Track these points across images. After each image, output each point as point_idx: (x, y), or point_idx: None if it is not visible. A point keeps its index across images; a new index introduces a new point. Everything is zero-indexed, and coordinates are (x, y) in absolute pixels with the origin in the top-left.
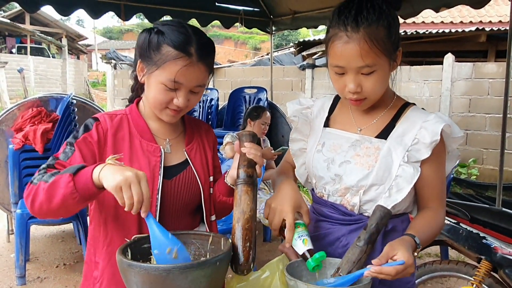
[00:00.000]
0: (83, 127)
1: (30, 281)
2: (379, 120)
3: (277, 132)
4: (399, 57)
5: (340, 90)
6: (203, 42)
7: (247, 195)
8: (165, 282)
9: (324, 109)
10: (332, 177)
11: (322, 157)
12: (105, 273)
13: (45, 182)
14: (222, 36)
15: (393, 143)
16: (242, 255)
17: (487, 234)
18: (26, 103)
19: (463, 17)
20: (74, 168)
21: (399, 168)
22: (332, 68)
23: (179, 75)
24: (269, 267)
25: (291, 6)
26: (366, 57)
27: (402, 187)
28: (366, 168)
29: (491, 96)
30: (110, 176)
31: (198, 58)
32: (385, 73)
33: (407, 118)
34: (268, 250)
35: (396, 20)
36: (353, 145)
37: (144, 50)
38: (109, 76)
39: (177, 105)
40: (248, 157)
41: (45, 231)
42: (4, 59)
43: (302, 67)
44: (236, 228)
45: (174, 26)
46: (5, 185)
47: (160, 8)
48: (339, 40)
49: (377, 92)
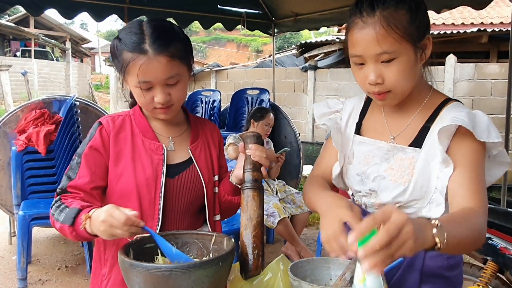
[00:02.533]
0: (89, 135)
1: (32, 283)
2: (412, 123)
3: (279, 134)
4: (429, 47)
5: (362, 84)
6: (157, 35)
7: (253, 201)
8: (167, 282)
9: (354, 112)
10: (367, 192)
11: (354, 170)
12: (113, 271)
13: (57, 221)
14: (225, 38)
15: (429, 151)
16: (251, 263)
17: (493, 235)
18: (29, 105)
19: (465, 18)
20: (70, 217)
21: (437, 180)
22: (351, 59)
23: (142, 75)
24: (270, 268)
25: (293, 8)
26: (383, 43)
27: (442, 201)
28: (402, 184)
29: (494, 96)
30: (98, 232)
31: (154, 52)
32: (410, 62)
33: (441, 118)
34: (271, 251)
35: (422, 4)
36: (386, 157)
37: (113, 60)
38: (112, 79)
39: (159, 102)
40: (253, 160)
41: (47, 233)
42: (9, 62)
43: (304, 68)
44: (244, 235)
45: (130, 28)
46: (7, 187)
47: (163, 10)
48: (355, 26)
49: (401, 84)
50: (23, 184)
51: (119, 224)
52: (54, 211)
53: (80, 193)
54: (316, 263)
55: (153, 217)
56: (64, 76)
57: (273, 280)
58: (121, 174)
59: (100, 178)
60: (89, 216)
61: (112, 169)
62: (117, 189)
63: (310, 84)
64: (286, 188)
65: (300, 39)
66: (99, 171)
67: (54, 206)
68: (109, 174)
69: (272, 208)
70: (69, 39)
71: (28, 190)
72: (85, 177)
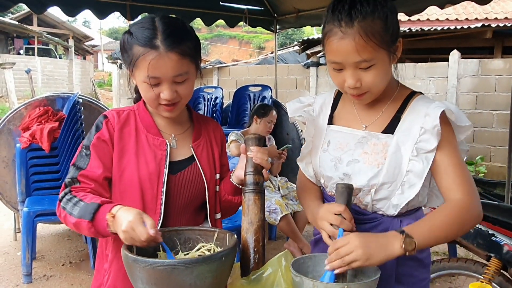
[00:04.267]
0: (95, 127)
1: (37, 279)
2: (384, 114)
3: (281, 130)
4: (400, 49)
5: (340, 85)
6: (169, 31)
7: (254, 204)
8: (170, 277)
9: (326, 105)
10: (341, 177)
11: (328, 156)
12: (112, 265)
13: (70, 214)
14: (227, 35)
15: (401, 137)
16: (252, 267)
17: (496, 232)
18: (33, 102)
19: (469, 13)
20: (90, 212)
21: (409, 163)
22: (330, 64)
23: (151, 70)
24: (271, 264)
25: (295, 5)
26: (363, 52)
27: (414, 183)
28: (376, 166)
29: (498, 92)
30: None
31: (166, 48)
32: (385, 66)
33: (413, 109)
34: (273, 248)
35: (394, 11)
36: (360, 142)
37: (122, 54)
38: (114, 76)
39: (165, 99)
40: (254, 163)
41: (51, 230)
42: (12, 60)
43: (306, 65)
44: (246, 238)
45: (142, 23)
46: (12, 184)
47: (165, 8)
48: (334, 36)
49: (378, 85)
50: (27, 181)
51: (139, 240)
52: (65, 204)
53: (91, 184)
54: (317, 259)
55: (155, 212)
56: (67, 74)
57: (273, 275)
58: (124, 168)
59: (108, 169)
60: (113, 215)
61: (116, 162)
62: (120, 183)
63: (312, 81)
64: (288, 185)
65: (302, 35)
66: (108, 162)
67: (64, 198)
68: (113, 167)
69: (274, 204)
70: (72, 36)
71: (33, 187)
72: (97, 167)
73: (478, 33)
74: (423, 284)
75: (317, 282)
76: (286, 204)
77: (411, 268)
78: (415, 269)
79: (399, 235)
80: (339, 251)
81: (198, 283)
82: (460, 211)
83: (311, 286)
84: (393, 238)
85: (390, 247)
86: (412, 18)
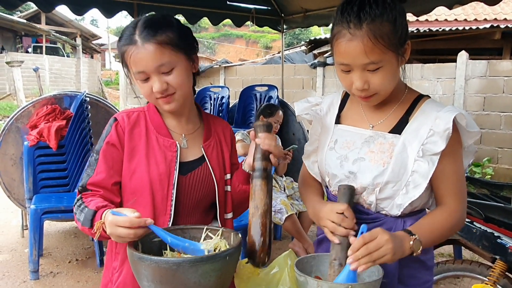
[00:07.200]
0: (105, 131)
1: (43, 275)
2: (391, 115)
3: (288, 130)
4: (408, 51)
5: (347, 87)
6: (146, 25)
7: (261, 190)
8: (175, 275)
9: (333, 105)
10: (346, 175)
11: (335, 154)
12: (125, 265)
13: (78, 221)
14: (234, 35)
15: (408, 137)
16: (258, 250)
17: (502, 234)
18: (41, 100)
19: (477, 14)
20: (88, 220)
21: (415, 163)
22: (338, 65)
23: (134, 64)
24: (277, 262)
25: (302, 4)
26: (371, 54)
27: (419, 183)
28: (381, 165)
29: (506, 94)
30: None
31: (142, 41)
32: (393, 68)
33: (422, 112)
34: (278, 248)
35: (402, 14)
36: (367, 142)
37: (119, 56)
38: (121, 75)
39: (156, 91)
40: (262, 149)
41: (58, 227)
42: (20, 58)
43: (313, 65)
44: (252, 223)
45: (128, 25)
46: (20, 181)
47: (172, 7)
48: (343, 38)
49: (386, 87)
50: (35, 178)
51: (126, 233)
52: (76, 210)
53: (100, 190)
54: (321, 259)
55: (165, 213)
56: (74, 72)
57: (280, 274)
58: (134, 170)
59: (118, 173)
60: (103, 222)
61: (127, 164)
62: (131, 184)
63: (319, 81)
64: (294, 185)
65: (309, 35)
66: (117, 166)
67: (76, 205)
68: (123, 169)
69: (279, 204)
70: (79, 35)
71: (40, 185)
72: (102, 173)
73: (486, 34)
74: (426, 287)
75: (321, 282)
76: (291, 204)
77: (414, 270)
78: (418, 271)
79: (408, 235)
80: (368, 246)
81: (202, 281)
82: (456, 218)
83: (315, 286)
84: (403, 238)
85: (403, 246)
86: (420, 19)
